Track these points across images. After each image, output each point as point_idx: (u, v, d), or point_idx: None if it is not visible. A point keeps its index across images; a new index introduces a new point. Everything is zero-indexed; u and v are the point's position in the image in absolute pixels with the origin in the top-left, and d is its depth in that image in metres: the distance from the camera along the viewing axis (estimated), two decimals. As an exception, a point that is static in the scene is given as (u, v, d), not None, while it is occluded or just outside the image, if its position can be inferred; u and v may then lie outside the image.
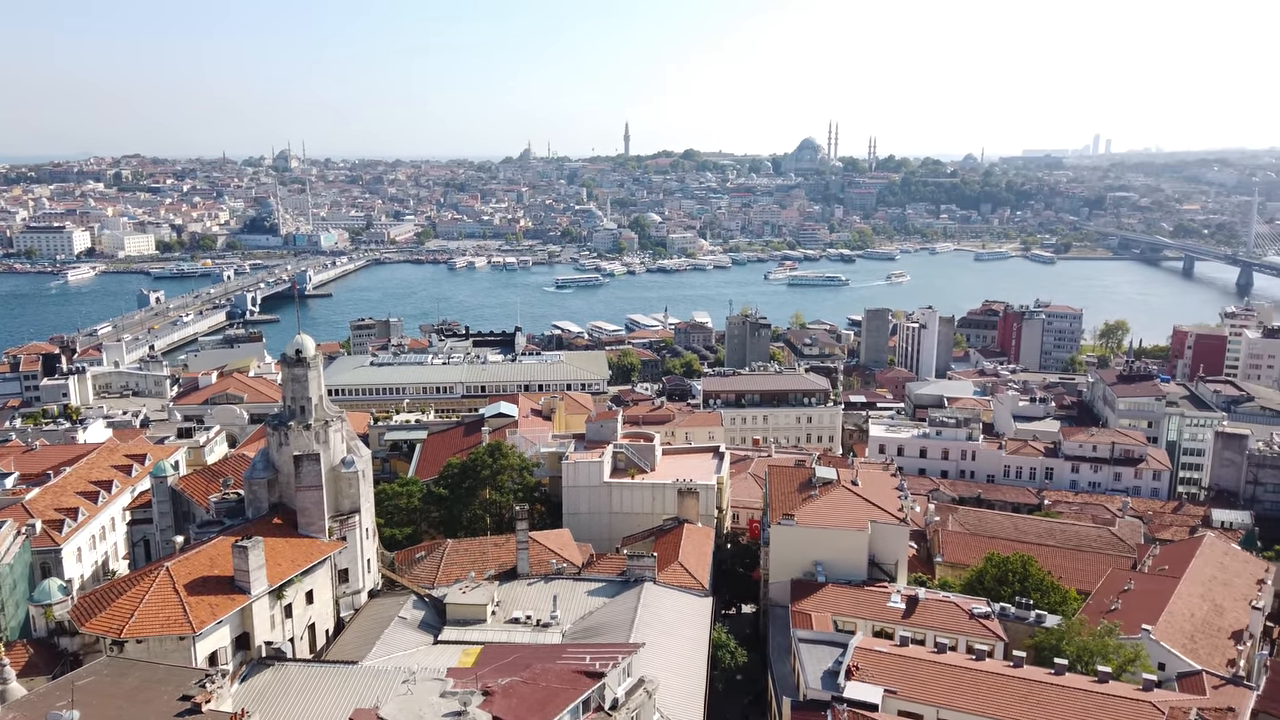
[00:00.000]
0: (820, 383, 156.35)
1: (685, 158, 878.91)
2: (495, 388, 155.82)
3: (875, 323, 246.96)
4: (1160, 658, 61.55)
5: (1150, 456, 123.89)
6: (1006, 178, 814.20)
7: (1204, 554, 78.88)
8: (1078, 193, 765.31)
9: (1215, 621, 69.22)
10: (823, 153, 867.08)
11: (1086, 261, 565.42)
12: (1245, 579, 77.63)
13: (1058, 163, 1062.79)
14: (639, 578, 67.12)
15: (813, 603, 65.77)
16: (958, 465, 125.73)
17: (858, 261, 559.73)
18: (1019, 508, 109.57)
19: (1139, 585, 73.59)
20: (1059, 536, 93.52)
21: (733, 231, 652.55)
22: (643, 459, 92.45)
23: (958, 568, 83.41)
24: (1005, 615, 65.84)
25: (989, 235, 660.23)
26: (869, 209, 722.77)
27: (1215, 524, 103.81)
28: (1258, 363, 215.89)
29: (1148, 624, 64.12)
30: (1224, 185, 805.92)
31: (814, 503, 73.58)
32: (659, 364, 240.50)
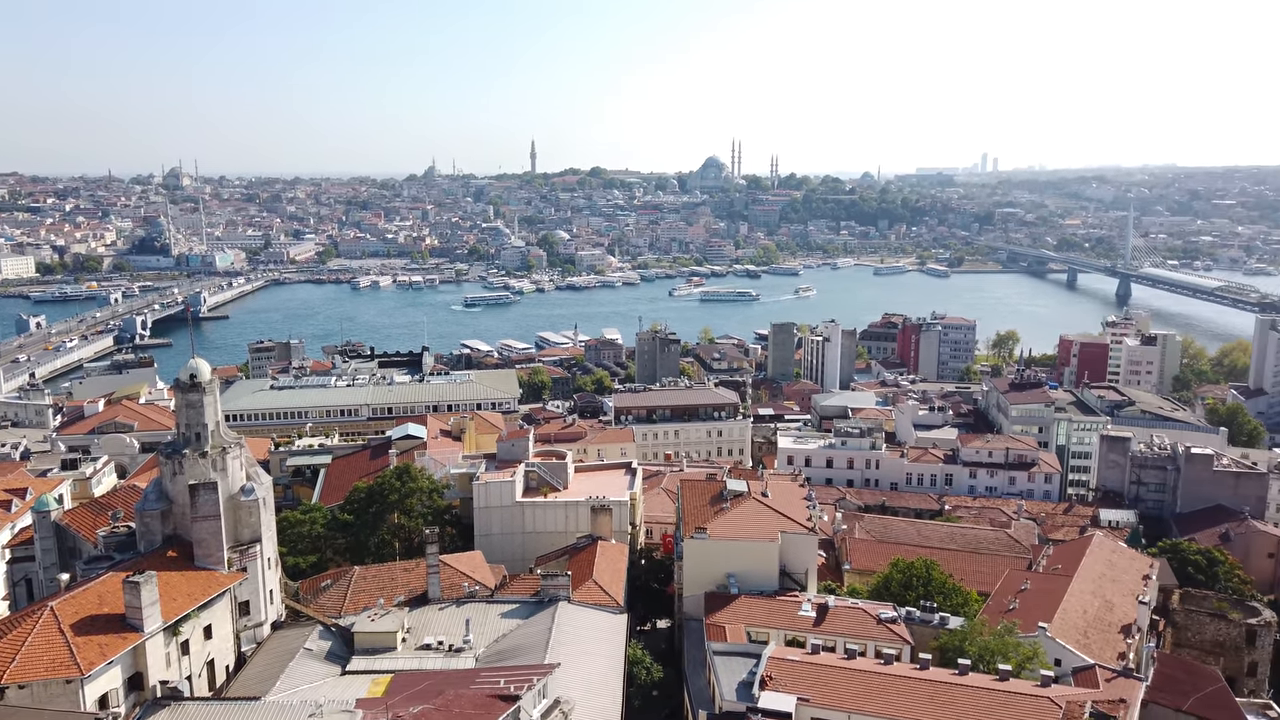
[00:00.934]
0: (730, 397, 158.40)
1: (592, 175, 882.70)
2: (402, 409, 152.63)
3: (781, 337, 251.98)
4: (1056, 654, 64.17)
5: (1042, 460, 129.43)
6: (902, 195, 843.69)
7: (1093, 552, 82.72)
8: (968, 209, 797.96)
9: (1106, 617, 72.60)
10: (727, 171, 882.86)
11: (978, 274, 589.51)
12: (1132, 575, 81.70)
13: (949, 180, 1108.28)
14: (553, 597, 66.59)
15: (726, 615, 66.36)
16: (863, 474, 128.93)
17: (764, 277, 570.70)
18: (921, 513, 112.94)
19: (1035, 585, 76.63)
20: (959, 540, 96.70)
21: (641, 248, 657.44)
22: (555, 477, 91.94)
23: (865, 574, 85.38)
24: (911, 619, 67.69)
25: (887, 250, 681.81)
26: (773, 226, 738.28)
27: (1103, 523, 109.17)
28: (1137, 369, 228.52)
29: (1044, 622, 66.79)
30: (1102, 201, 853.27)
31: (726, 515, 74.37)
32: (570, 381, 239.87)
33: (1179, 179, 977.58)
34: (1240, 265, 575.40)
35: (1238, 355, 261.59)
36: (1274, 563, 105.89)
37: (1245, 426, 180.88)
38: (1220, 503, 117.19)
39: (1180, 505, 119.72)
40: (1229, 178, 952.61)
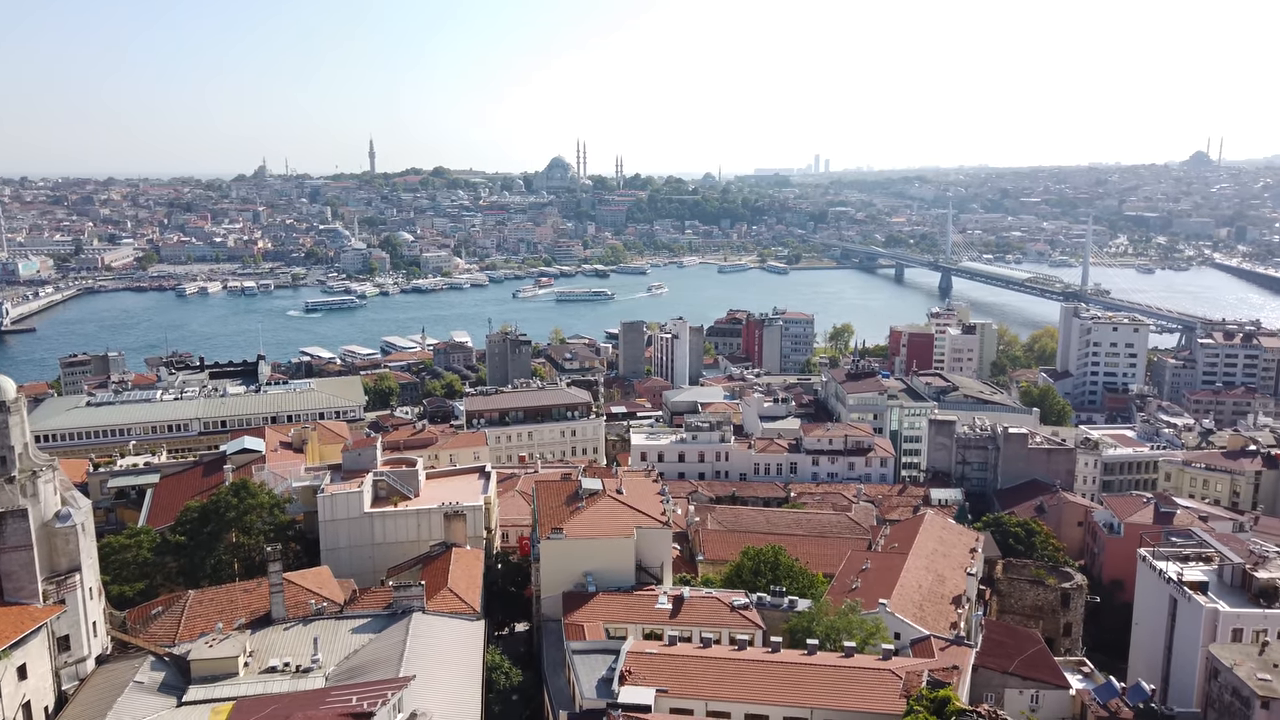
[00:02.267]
0: (582, 396, 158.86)
1: (436, 175, 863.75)
2: (238, 422, 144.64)
3: (631, 335, 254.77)
4: (896, 628, 67.98)
5: (877, 446, 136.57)
6: (742, 195, 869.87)
7: (926, 530, 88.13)
8: (804, 208, 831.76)
9: (938, 589, 77.50)
10: (573, 171, 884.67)
11: (814, 271, 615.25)
12: (960, 549, 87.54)
13: (785, 181, 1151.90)
14: (407, 609, 64.84)
15: (584, 613, 66.59)
16: (713, 466, 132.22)
17: (612, 276, 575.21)
18: (769, 502, 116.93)
19: (874, 564, 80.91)
20: (805, 526, 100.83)
21: (488, 249, 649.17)
22: (406, 485, 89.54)
23: (718, 564, 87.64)
24: (762, 604, 70.05)
25: (730, 249, 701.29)
26: (620, 226, 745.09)
27: (933, 502, 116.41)
28: (959, 356, 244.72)
29: (884, 598, 70.62)
30: (924, 200, 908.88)
31: (582, 515, 74.61)
32: (419, 386, 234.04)
33: (991, 179, 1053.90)
34: (1046, 258, 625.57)
35: (1046, 341, 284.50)
36: (1083, 530, 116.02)
37: (1055, 406, 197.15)
38: (1035, 477, 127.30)
39: (1001, 481, 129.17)
40: (1034, 177, 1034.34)
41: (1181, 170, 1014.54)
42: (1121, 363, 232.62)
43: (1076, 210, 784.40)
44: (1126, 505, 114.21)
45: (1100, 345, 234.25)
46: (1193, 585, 70.91)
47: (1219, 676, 56.23)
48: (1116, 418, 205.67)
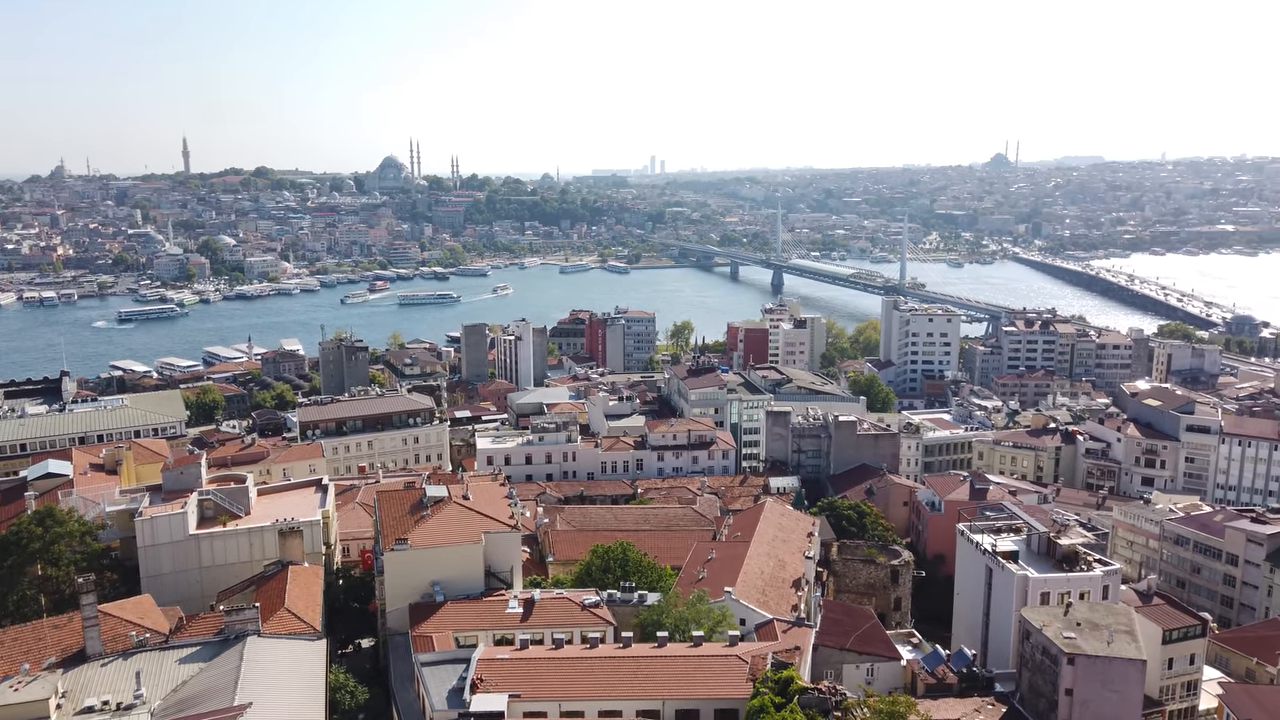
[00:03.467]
0: (424, 402, 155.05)
1: (258, 176, 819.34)
2: (40, 444, 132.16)
3: (474, 338, 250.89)
4: (741, 614, 70.17)
5: (719, 439, 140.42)
6: (581, 195, 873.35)
7: (766, 517, 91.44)
8: (642, 208, 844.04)
9: (779, 574, 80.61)
10: (406, 171, 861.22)
11: (654, 270, 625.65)
12: (798, 534, 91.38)
13: (623, 181, 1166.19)
14: (240, 633, 61.39)
15: (433, 624, 65.15)
16: (561, 467, 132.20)
17: (452, 279, 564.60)
18: (617, 499, 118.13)
19: (720, 553, 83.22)
20: (653, 520, 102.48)
21: (319, 253, 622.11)
22: (235, 503, 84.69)
23: (569, 564, 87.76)
24: (613, 601, 70.69)
25: (570, 249, 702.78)
26: (458, 227, 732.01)
27: (773, 490, 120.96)
28: (792, 349, 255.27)
29: (729, 586, 72.75)
30: (755, 200, 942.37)
31: (427, 523, 72.89)
32: (247, 398, 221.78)
33: (816, 179, 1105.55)
34: (868, 255, 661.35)
35: (870, 333, 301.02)
36: (908, 509, 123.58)
37: (880, 394, 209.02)
38: (865, 462, 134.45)
39: (833, 467, 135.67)
40: (855, 178, 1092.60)
41: (984, 171, 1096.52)
42: (937, 351, 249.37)
43: (893, 209, 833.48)
44: (946, 484, 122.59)
45: (918, 335, 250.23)
46: (1005, 555, 76.89)
47: (1030, 638, 61.22)
48: (934, 402, 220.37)
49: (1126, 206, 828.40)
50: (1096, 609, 64.32)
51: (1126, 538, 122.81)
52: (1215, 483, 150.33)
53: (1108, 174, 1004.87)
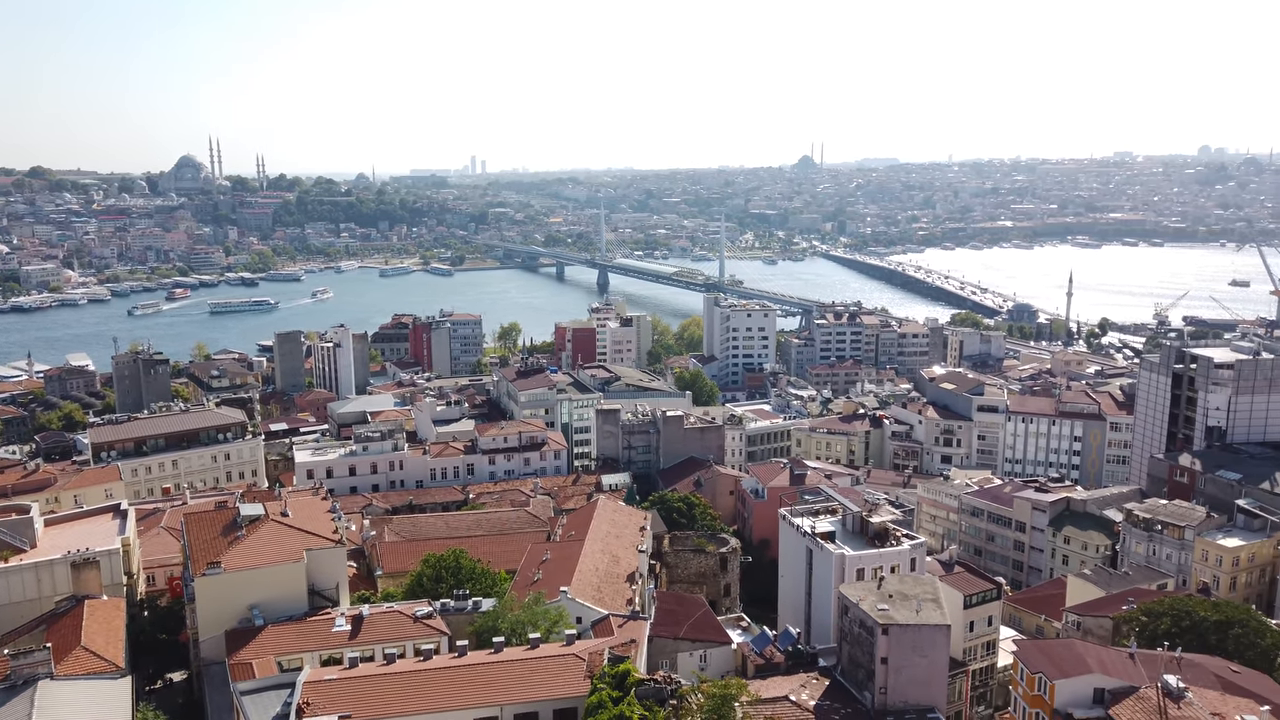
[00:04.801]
0: (235, 416, 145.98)
1: (33, 176, 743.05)
2: None
3: (288, 346, 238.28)
4: (578, 612, 70.51)
5: (550, 439, 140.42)
6: (400, 196, 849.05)
7: (599, 515, 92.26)
8: (464, 209, 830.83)
9: (614, 570, 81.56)
10: (206, 171, 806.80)
11: (479, 271, 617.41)
12: (631, 529, 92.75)
13: (443, 182, 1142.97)
14: (30, 677, 55.68)
15: (253, 650, 61.64)
16: (388, 477, 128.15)
17: (262, 285, 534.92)
18: (448, 506, 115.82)
19: (554, 554, 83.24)
20: (485, 525, 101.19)
21: (108, 259, 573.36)
22: (18, 536, 76.66)
23: (399, 576, 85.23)
24: (447, 610, 69.28)
25: (390, 252, 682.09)
26: (266, 229, 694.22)
27: (605, 487, 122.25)
28: (620, 347, 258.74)
29: (564, 586, 72.92)
30: (578, 200, 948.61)
31: (242, 544, 68.82)
32: (29, 420, 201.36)
33: (637, 180, 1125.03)
34: (689, 253, 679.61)
35: (694, 329, 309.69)
36: (734, 498, 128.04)
37: (704, 388, 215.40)
38: (692, 455, 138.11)
39: (663, 461, 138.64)
40: (674, 179, 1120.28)
41: (792, 172, 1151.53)
42: (756, 345, 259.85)
43: (711, 209, 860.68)
44: (768, 472, 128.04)
45: (738, 330, 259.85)
46: (823, 536, 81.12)
47: (849, 612, 64.89)
48: (755, 394, 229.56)
49: (920, 205, 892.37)
50: (906, 581, 68.98)
51: (930, 512, 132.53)
52: (1004, 457, 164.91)
53: (902, 175, 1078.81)
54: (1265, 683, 62.36)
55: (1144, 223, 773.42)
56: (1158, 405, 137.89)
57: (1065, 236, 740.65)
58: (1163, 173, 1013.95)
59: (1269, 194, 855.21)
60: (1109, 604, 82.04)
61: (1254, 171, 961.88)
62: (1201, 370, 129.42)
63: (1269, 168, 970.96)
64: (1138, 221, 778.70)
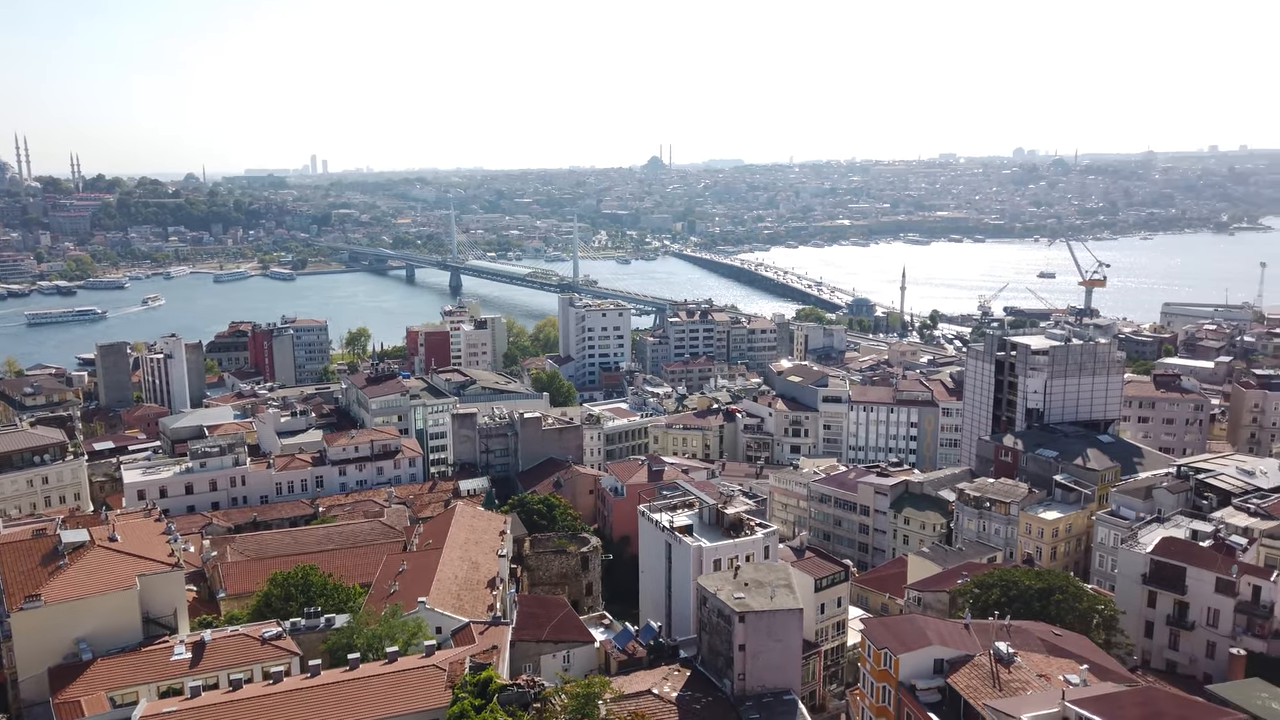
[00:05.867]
0: (53, 436, 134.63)
1: None
2: None
3: (112, 359, 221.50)
4: (437, 622, 69.18)
5: (405, 446, 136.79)
6: (234, 197, 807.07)
7: (458, 521, 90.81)
8: (305, 211, 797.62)
9: (474, 576, 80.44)
10: (12, 171, 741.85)
11: (323, 275, 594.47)
12: (491, 534, 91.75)
13: (281, 182, 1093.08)
14: None
15: (81, 686, 57.26)
16: (229, 494, 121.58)
17: (80, 293, 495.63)
18: (296, 521, 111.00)
19: (411, 564, 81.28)
20: (337, 539, 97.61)
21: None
22: None
23: (244, 597, 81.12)
24: (297, 630, 66.50)
25: (225, 256, 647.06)
26: (84, 234, 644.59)
27: (463, 493, 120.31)
28: (474, 350, 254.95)
29: (423, 596, 71.38)
30: (426, 201, 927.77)
31: (65, 574, 63.72)
32: None
33: (487, 180, 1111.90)
34: (542, 254, 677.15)
35: (549, 330, 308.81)
36: (594, 497, 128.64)
37: (561, 388, 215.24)
38: (551, 456, 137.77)
39: (522, 464, 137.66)
40: (525, 179, 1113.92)
41: (642, 173, 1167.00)
42: (612, 344, 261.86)
43: (563, 209, 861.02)
44: (626, 469, 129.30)
45: (593, 330, 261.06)
46: (681, 530, 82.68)
47: (707, 603, 66.48)
48: (612, 393, 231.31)
49: (764, 205, 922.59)
50: (760, 568, 71.32)
51: (781, 501, 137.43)
52: (848, 445, 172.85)
53: (747, 175, 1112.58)
54: (1084, 643, 68.08)
55: (967, 220, 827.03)
56: (983, 390, 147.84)
57: (898, 234, 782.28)
58: (982, 173, 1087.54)
59: (1075, 193, 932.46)
60: (945, 579, 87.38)
61: (1061, 172, 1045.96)
62: (1020, 357, 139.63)
63: (1074, 168, 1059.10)
64: (962, 219, 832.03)
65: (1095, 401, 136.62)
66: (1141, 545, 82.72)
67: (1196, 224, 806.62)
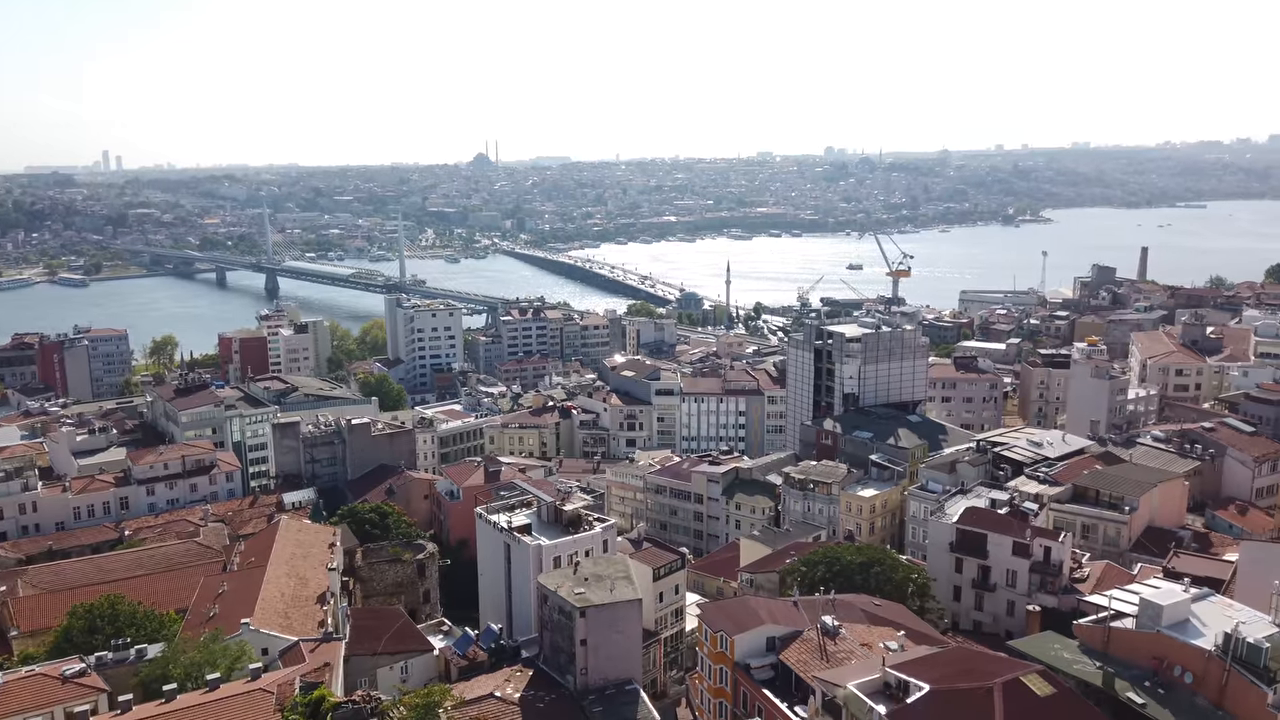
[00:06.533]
0: None
1: None
2: None
3: None
4: (263, 644, 65.63)
5: (221, 461, 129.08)
6: (13, 197, 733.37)
7: (282, 536, 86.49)
8: (97, 211, 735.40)
9: (302, 592, 76.86)
10: None
11: (121, 280, 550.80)
12: (319, 547, 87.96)
13: (69, 180, 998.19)
14: None
15: None
16: (18, 522, 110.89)
17: None
18: (99, 547, 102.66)
19: (232, 584, 76.77)
20: (147, 564, 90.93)
21: None
22: None
23: (41, 634, 74.23)
24: (104, 664, 61.48)
25: (4, 261, 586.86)
26: None
27: (287, 506, 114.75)
28: (295, 356, 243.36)
29: (245, 618, 67.54)
30: (237, 200, 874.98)
31: None
32: None
33: (303, 177, 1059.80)
34: (366, 254, 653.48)
35: (377, 332, 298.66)
36: (430, 503, 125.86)
37: (392, 392, 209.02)
38: (383, 462, 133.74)
39: (351, 472, 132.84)
40: (344, 176, 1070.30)
41: (469, 170, 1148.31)
42: (443, 345, 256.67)
43: (387, 207, 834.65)
44: (462, 472, 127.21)
45: (424, 331, 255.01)
46: (520, 529, 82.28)
47: (548, 600, 66.49)
48: (445, 395, 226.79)
49: (593, 202, 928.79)
50: (599, 562, 72.05)
51: (619, 494, 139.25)
52: (681, 435, 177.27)
53: (575, 173, 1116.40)
54: (901, 611, 72.92)
55: (785, 216, 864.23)
56: (804, 378, 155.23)
57: (722, 230, 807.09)
58: (797, 171, 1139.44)
59: (880, 189, 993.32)
60: (775, 560, 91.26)
61: (868, 170, 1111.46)
62: (836, 345, 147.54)
63: (879, 166, 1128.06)
64: (780, 214, 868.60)
65: (904, 384, 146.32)
66: (948, 516, 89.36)
67: (987, 217, 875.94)
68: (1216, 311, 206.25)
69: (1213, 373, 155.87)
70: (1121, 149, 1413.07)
